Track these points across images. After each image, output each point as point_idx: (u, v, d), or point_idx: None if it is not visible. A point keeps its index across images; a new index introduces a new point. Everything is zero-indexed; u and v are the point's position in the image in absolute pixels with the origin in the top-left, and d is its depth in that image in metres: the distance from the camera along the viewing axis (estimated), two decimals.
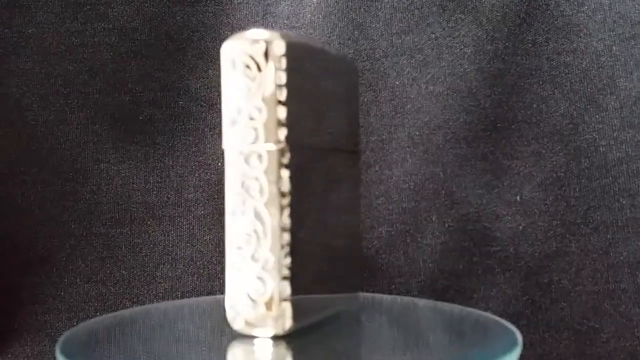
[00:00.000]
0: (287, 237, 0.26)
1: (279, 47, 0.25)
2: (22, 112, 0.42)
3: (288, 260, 0.26)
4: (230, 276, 0.26)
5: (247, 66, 0.26)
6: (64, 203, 0.42)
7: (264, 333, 0.26)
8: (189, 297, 0.41)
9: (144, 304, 0.41)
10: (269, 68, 0.26)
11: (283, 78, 0.26)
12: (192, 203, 0.42)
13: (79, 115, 0.42)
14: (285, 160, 0.26)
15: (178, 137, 0.43)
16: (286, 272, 0.26)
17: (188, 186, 0.42)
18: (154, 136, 0.43)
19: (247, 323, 0.26)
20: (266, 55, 0.25)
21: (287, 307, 0.26)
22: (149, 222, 0.42)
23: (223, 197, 0.25)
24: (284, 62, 0.26)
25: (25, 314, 0.42)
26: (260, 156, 0.26)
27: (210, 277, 0.42)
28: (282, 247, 0.26)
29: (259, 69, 0.26)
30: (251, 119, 0.26)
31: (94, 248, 0.42)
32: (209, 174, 0.42)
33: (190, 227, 0.42)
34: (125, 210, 0.42)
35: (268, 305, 0.26)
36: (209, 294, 0.41)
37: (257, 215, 0.26)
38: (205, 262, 0.42)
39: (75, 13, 0.42)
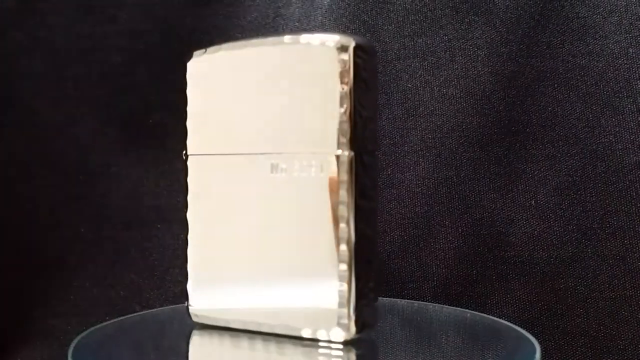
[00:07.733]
0: None
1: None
2: (33, 115, 0.42)
3: None
4: (331, 284, 0.25)
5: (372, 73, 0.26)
6: (73, 206, 0.42)
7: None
8: None
9: (154, 308, 0.41)
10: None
11: None
12: None
13: (89, 118, 0.42)
14: None
15: None
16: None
17: None
18: (164, 139, 0.42)
19: (359, 329, 0.26)
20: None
21: None
22: (158, 226, 0.42)
23: None
24: None
25: (34, 318, 0.42)
26: (375, 161, 0.26)
27: None
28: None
29: (373, 76, 0.26)
30: (370, 122, 0.26)
31: (104, 252, 0.42)
32: None
33: None
34: (135, 214, 0.42)
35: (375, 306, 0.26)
36: None
37: (372, 221, 0.26)
38: None
39: (85, 16, 0.42)
